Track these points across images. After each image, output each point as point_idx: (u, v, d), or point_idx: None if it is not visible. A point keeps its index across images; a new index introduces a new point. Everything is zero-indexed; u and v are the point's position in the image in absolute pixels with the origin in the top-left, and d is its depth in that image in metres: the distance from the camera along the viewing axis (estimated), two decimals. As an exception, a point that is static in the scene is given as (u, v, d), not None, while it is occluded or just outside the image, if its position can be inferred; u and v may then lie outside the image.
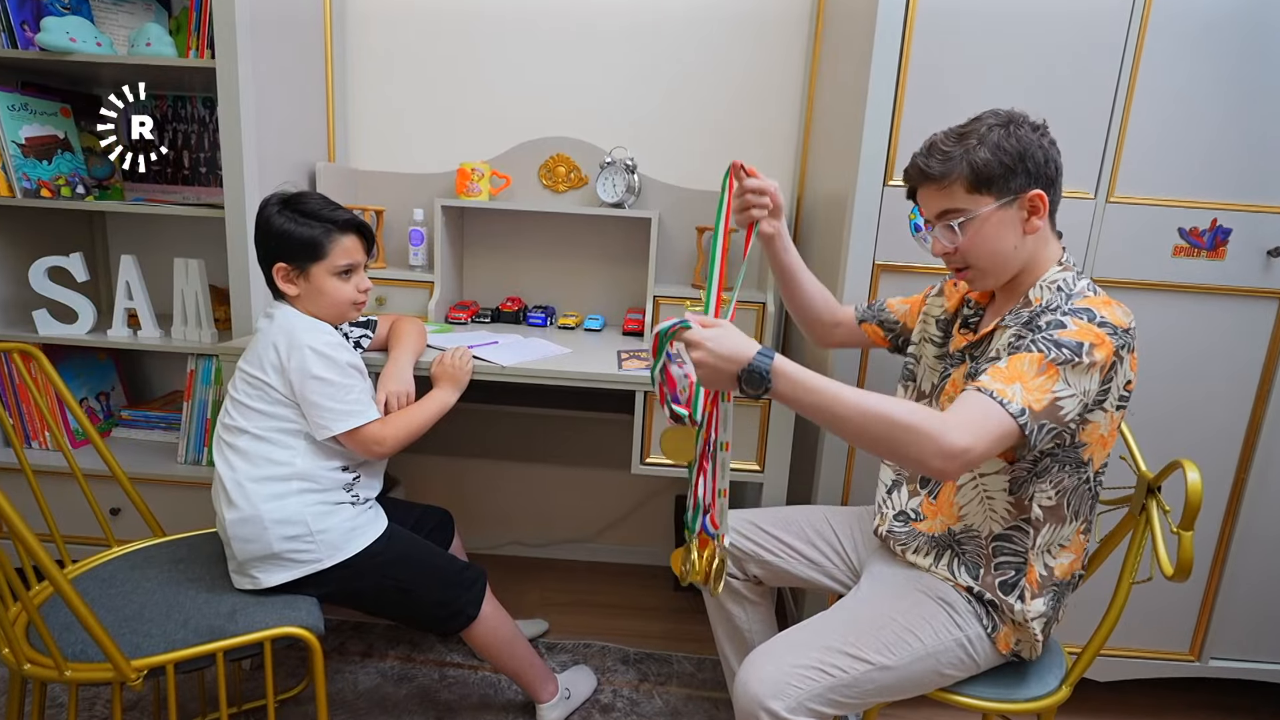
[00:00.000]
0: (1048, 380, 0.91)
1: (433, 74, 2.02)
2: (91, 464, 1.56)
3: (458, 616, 1.35)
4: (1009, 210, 1.02)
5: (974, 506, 1.09)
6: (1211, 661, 1.61)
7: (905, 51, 1.36)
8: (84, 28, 1.63)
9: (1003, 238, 1.03)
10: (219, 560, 1.29)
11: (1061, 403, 0.92)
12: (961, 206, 1.03)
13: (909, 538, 1.17)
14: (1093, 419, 0.99)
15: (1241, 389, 1.48)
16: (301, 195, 1.27)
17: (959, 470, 0.89)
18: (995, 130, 1.00)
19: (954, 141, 1.02)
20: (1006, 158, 0.99)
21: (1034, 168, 1.01)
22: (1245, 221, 1.40)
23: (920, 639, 1.04)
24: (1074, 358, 0.92)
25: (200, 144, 1.92)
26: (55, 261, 1.75)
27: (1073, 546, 1.07)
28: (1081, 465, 1.03)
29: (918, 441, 0.87)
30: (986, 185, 1.01)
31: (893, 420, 0.88)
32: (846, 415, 0.90)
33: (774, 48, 1.97)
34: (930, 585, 1.11)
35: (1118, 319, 0.96)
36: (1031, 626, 1.06)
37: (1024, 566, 1.06)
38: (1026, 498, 1.04)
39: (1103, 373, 0.94)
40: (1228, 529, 1.54)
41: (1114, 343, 0.94)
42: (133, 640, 1.07)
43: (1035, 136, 1.01)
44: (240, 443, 1.23)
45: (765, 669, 0.99)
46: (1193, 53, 1.35)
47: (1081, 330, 0.94)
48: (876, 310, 1.35)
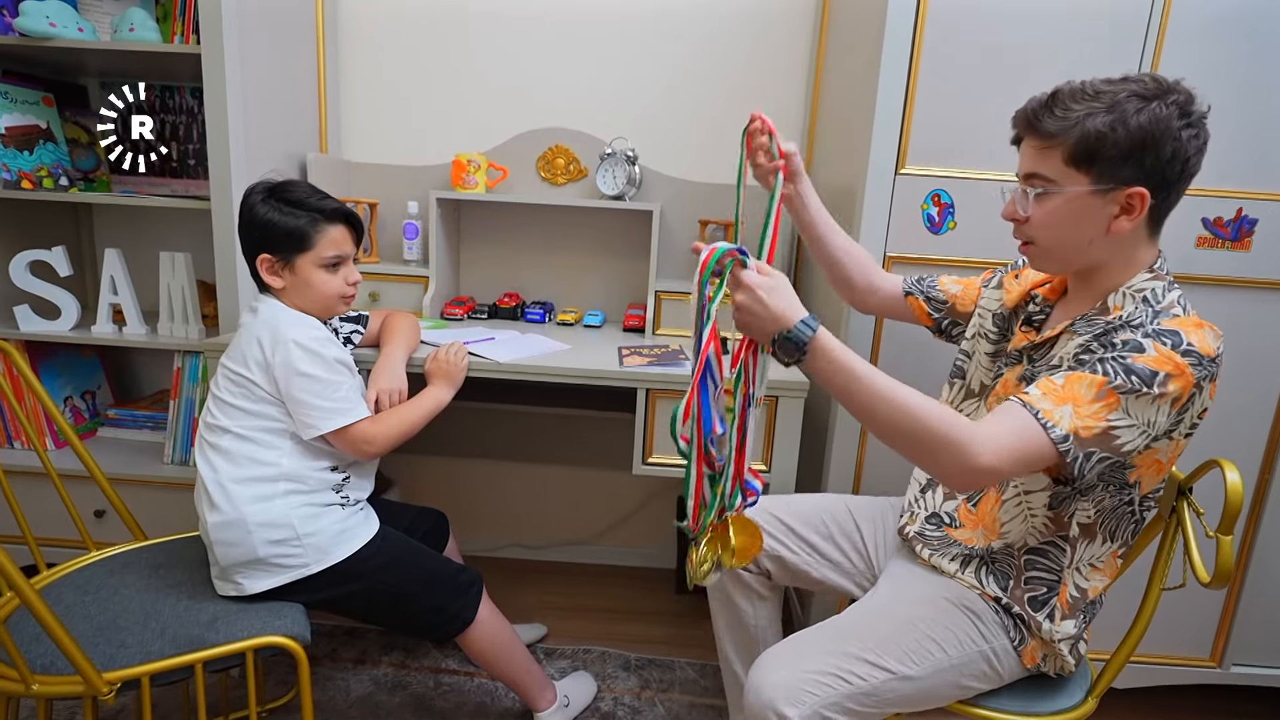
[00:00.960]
0: (1105, 408, 0.82)
1: (428, 62, 1.97)
2: (77, 465, 1.51)
3: (453, 621, 1.30)
4: (1100, 199, 0.87)
5: (1016, 524, 1.01)
6: (1233, 668, 1.56)
7: (918, 37, 1.31)
8: (65, 12, 1.57)
9: (1080, 228, 0.90)
10: (201, 565, 1.23)
11: (1118, 432, 0.83)
12: (1051, 176, 0.89)
13: (941, 543, 1.09)
14: (1156, 446, 0.88)
15: (1267, 384, 1.43)
16: (288, 184, 1.21)
17: (974, 487, 0.85)
18: (1133, 101, 0.84)
19: (1083, 99, 0.86)
20: (1125, 138, 0.84)
21: (1153, 162, 0.85)
22: (1271, 212, 1.35)
23: (944, 649, 0.98)
24: (1142, 388, 0.82)
25: (189, 135, 1.87)
26: (37, 255, 1.69)
27: (1105, 569, 1.00)
28: (1126, 487, 0.94)
29: (944, 450, 0.82)
30: (1088, 162, 0.86)
31: (924, 423, 0.82)
32: (877, 407, 0.85)
33: (779, 35, 1.91)
34: (955, 593, 1.04)
35: (1206, 346, 0.84)
36: (1059, 647, 1.00)
37: (1057, 585, 0.99)
38: (1067, 514, 0.97)
39: (1176, 405, 0.84)
40: (1251, 531, 1.49)
41: (1195, 374, 0.83)
42: (106, 651, 1.01)
43: (1177, 125, 0.84)
44: (223, 442, 1.18)
45: (779, 673, 0.93)
46: (1216, 36, 1.29)
47: (1161, 358, 0.82)
48: (926, 286, 1.23)
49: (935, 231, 1.38)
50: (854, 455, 1.51)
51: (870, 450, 1.51)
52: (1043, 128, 0.89)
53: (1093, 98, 0.86)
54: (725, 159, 1.98)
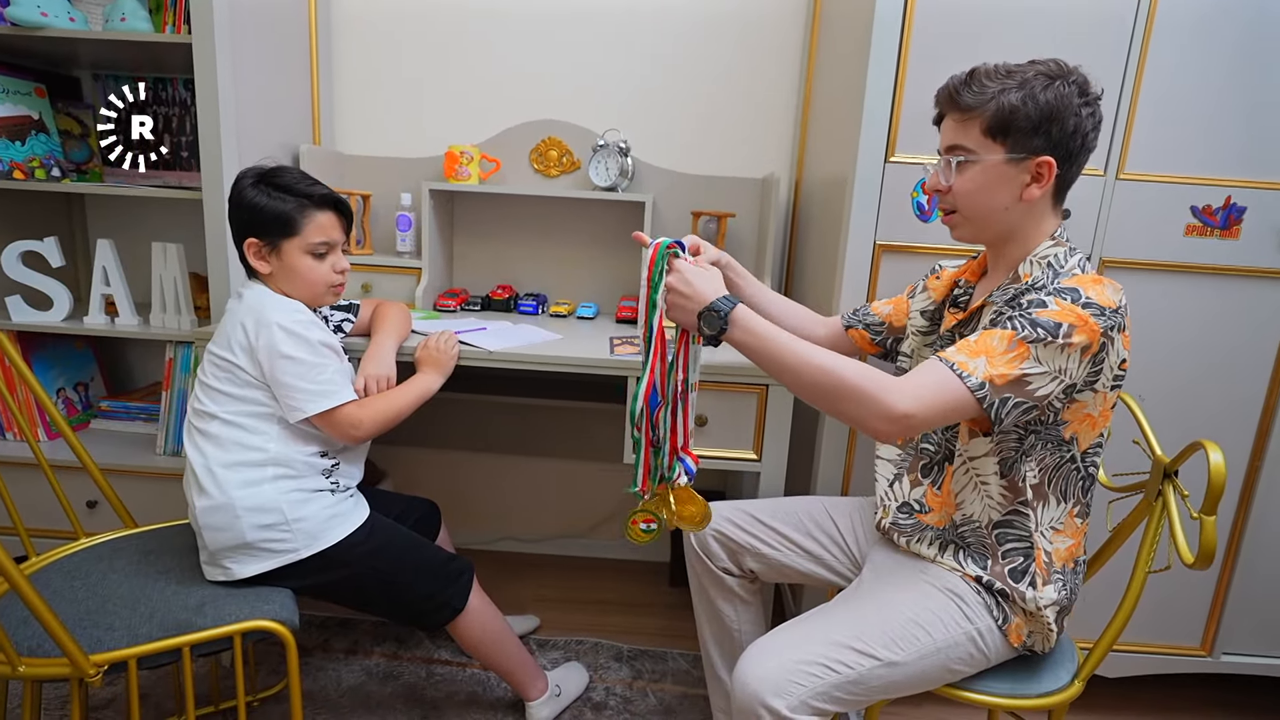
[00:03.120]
0: (1016, 358, 0.89)
1: (422, 54, 1.97)
2: (70, 455, 1.50)
3: (443, 609, 1.30)
4: (1014, 168, 0.97)
5: (969, 494, 1.04)
6: (1223, 657, 1.56)
7: (907, 24, 1.31)
8: (56, 2, 1.57)
9: (997, 194, 0.98)
10: (190, 551, 1.23)
11: (1031, 379, 0.89)
12: (970, 146, 0.98)
13: (914, 530, 1.11)
14: (1081, 398, 0.95)
15: (1256, 373, 1.43)
16: (278, 169, 1.21)
17: (899, 434, 0.90)
18: (1040, 79, 0.93)
19: (997, 77, 0.95)
20: (1035, 111, 0.93)
21: (1058, 134, 0.94)
22: (1260, 199, 1.35)
23: (930, 633, 0.98)
24: (1048, 337, 0.88)
25: (181, 127, 1.86)
26: (29, 246, 1.69)
27: (1067, 530, 1.02)
28: (1063, 443, 0.98)
29: (862, 400, 0.88)
30: (1003, 133, 0.95)
31: (841, 376, 0.90)
32: (797, 366, 0.93)
33: (772, 26, 1.91)
34: (937, 576, 1.05)
35: (1105, 299, 0.91)
36: (1045, 615, 1.00)
37: (1031, 551, 1.01)
38: (1018, 478, 1.00)
39: (1086, 354, 0.90)
40: (1241, 518, 1.49)
41: (1100, 324, 0.89)
42: (94, 634, 1.01)
43: (1077, 102, 0.94)
44: (211, 428, 1.17)
45: (766, 664, 0.93)
46: (1206, 24, 1.29)
47: (1063, 311, 0.90)
48: (862, 315, 1.31)
49: (924, 219, 1.38)
50: (842, 457, 1.51)
51: (858, 455, 1.51)
52: (962, 101, 0.98)
53: (1005, 76, 0.95)
54: (718, 151, 1.98)
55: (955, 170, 1.00)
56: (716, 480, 2.14)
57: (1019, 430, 0.98)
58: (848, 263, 1.40)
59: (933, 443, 1.12)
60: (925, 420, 0.88)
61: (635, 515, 1.11)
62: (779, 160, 1.98)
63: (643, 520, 1.11)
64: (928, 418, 0.88)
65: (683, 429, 1.07)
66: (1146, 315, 1.41)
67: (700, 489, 1.14)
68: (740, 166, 1.97)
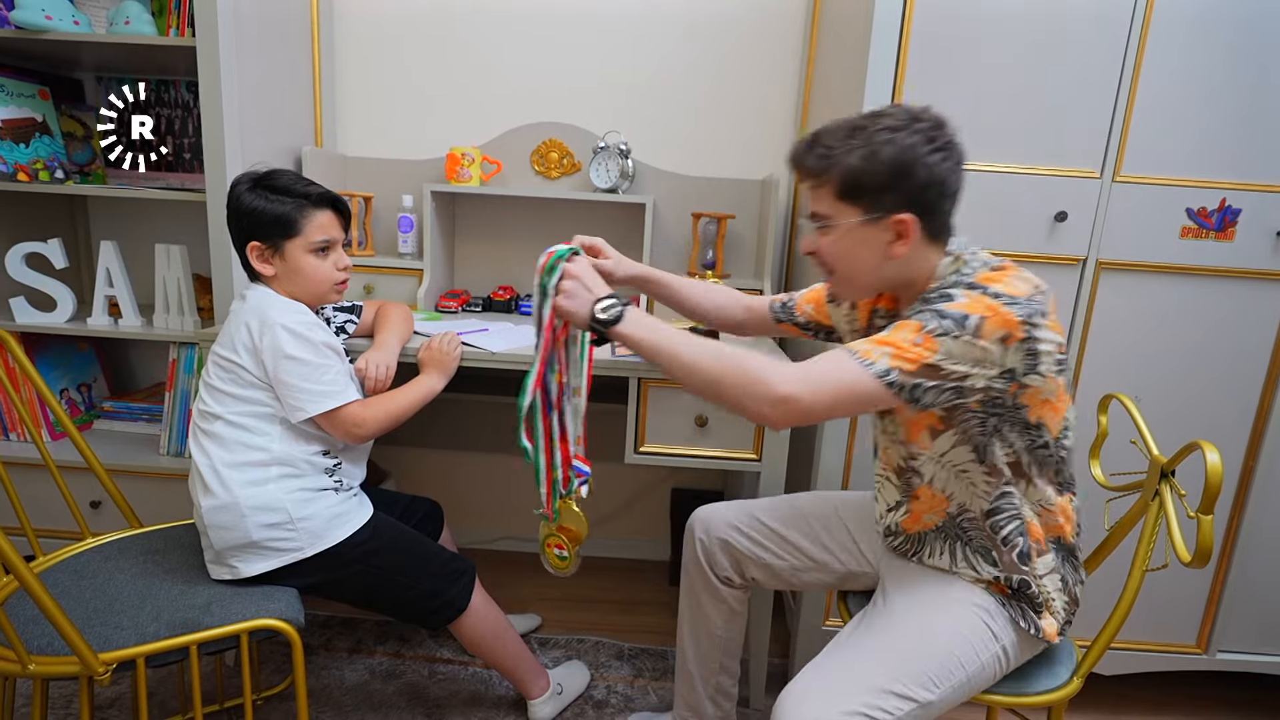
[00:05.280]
0: (923, 349, 0.87)
1: (423, 56, 1.98)
2: (73, 456, 1.51)
3: (446, 608, 1.31)
4: (873, 228, 0.94)
5: (955, 485, 1.02)
6: (1219, 655, 1.58)
7: (905, 26, 1.32)
8: (60, 5, 1.58)
9: (863, 256, 0.96)
10: (196, 551, 1.24)
11: (945, 367, 0.87)
12: (826, 212, 0.96)
13: (913, 544, 1.10)
14: (1031, 383, 0.91)
15: (1251, 374, 1.45)
16: (273, 172, 1.22)
17: (790, 418, 0.89)
18: (882, 135, 0.90)
19: (840, 137, 0.93)
20: (881, 171, 0.90)
21: (909, 189, 0.91)
22: (1255, 202, 1.37)
23: (964, 666, 0.96)
24: (955, 329, 0.87)
25: (184, 129, 1.87)
26: (33, 247, 1.70)
27: (1058, 509, 1.01)
28: (1029, 427, 0.96)
29: (746, 385, 0.89)
30: (855, 195, 0.93)
31: (727, 362, 0.90)
32: (689, 356, 0.93)
33: (772, 30, 1.93)
34: (963, 591, 1.03)
35: (1014, 289, 0.89)
36: (1044, 585, 1.00)
37: (1024, 527, 0.99)
38: (995, 460, 0.98)
39: (1010, 342, 0.87)
40: (1236, 518, 1.50)
41: (1016, 312, 0.87)
42: (102, 633, 1.02)
43: (923, 151, 0.90)
44: (215, 428, 1.19)
45: (807, 707, 0.89)
46: (1202, 26, 1.31)
47: (969, 303, 0.88)
48: (790, 311, 1.29)
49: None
50: (843, 456, 1.52)
51: (858, 454, 1.52)
52: (807, 167, 0.96)
53: (849, 135, 0.92)
54: (718, 153, 1.99)
55: (819, 235, 0.98)
56: (716, 480, 2.15)
57: (979, 414, 0.95)
58: (847, 264, 1.41)
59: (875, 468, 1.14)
60: (814, 405, 0.87)
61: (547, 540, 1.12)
62: (778, 162, 1.98)
63: (555, 546, 1.12)
64: (817, 403, 0.87)
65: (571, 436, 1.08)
66: (1143, 316, 1.43)
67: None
68: (740, 168, 1.98)
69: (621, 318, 0.97)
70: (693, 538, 1.31)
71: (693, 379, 0.94)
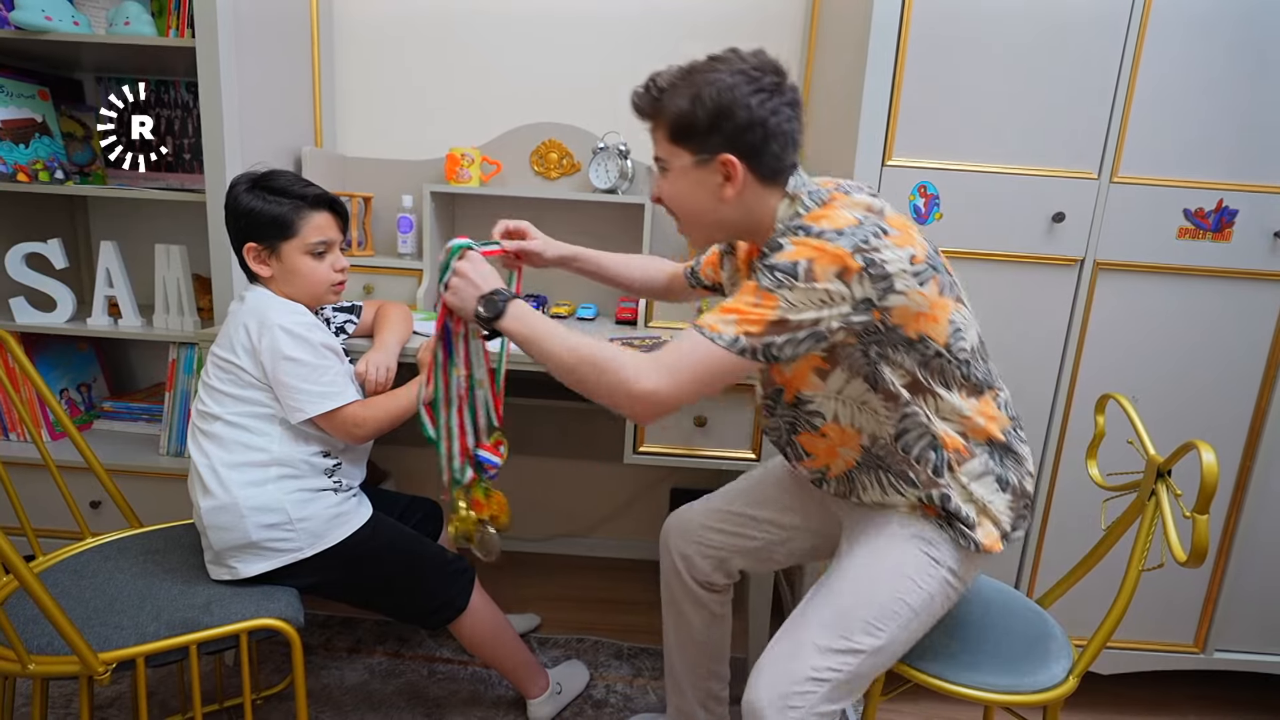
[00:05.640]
0: (764, 307, 0.88)
1: (423, 57, 1.98)
2: (72, 456, 1.51)
3: (445, 608, 1.31)
4: (704, 170, 0.96)
5: (860, 417, 1.01)
6: (1216, 654, 1.58)
7: (904, 26, 1.32)
8: (60, 6, 1.58)
9: (698, 198, 0.98)
10: (195, 551, 1.25)
11: (789, 318, 0.87)
12: (664, 156, 0.99)
13: (844, 485, 1.09)
14: (891, 304, 0.90)
15: (1248, 374, 1.45)
16: (271, 173, 1.22)
17: (655, 411, 0.90)
18: (708, 76, 0.92)
19: (672, 81, 0.95)
20: (704, 113, 0.92)
21: (732, 130, 0.92)
22: (1252, 202, 1.37)
23: (907, 602, 0.98)
24: (789, 280, 0.87)
25: (184, 130, 1.88)
26: (33, 248, 1.70)
27: (976, 412, 0.98)
28: (913, 344, 0.93)
29: (611, 384, 0.90)
30: (684, 138, 0.95)
31: (594, 360, 0.91)
32: (559, 354, 0.93)
33: (771, 31, 1.93)
34: (902, 528, 1.03)
35: (839, 221, 0.89)
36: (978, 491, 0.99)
37: (936, 441, 0.97)
38: (889, 385, 0.96)
39: (850, 275, 0.87)
40: (1233, 517, 1.51)
41: (844, 244, 0.87)
42: (102, 633, 1.03)
43: (745, 92, 0.91)
44: (215, 429, 1.19)
45: (765, 691, 0.94)
46: (1199, 27, 1.31)
47: (797, 250, 0.88)
48: (698, 277, 1.31)
49: (922, 222, 1.39)
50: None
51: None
52: (641, 110, 1.00)
53: (680, 78, 0.95)
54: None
55: (660, 179, 1.01)
56: (714, 480, 2.15)
57: (858, 346, 0.94)
58: (845, 265, 1.41)
59: (771, 423, 1.12)
60: (677, 393, 0.89)
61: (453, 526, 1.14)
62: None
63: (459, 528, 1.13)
64: (679, 390, 0.88)
65: (472, 427, 1.10)
66: (1140, 317, 1.43)
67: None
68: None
69: (503, 313, 0.97)
70: (669, 550, 1.30)
71: (564, 372, 0.94)
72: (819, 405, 1.03)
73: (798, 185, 0.98)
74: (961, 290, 0.99)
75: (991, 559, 1.03)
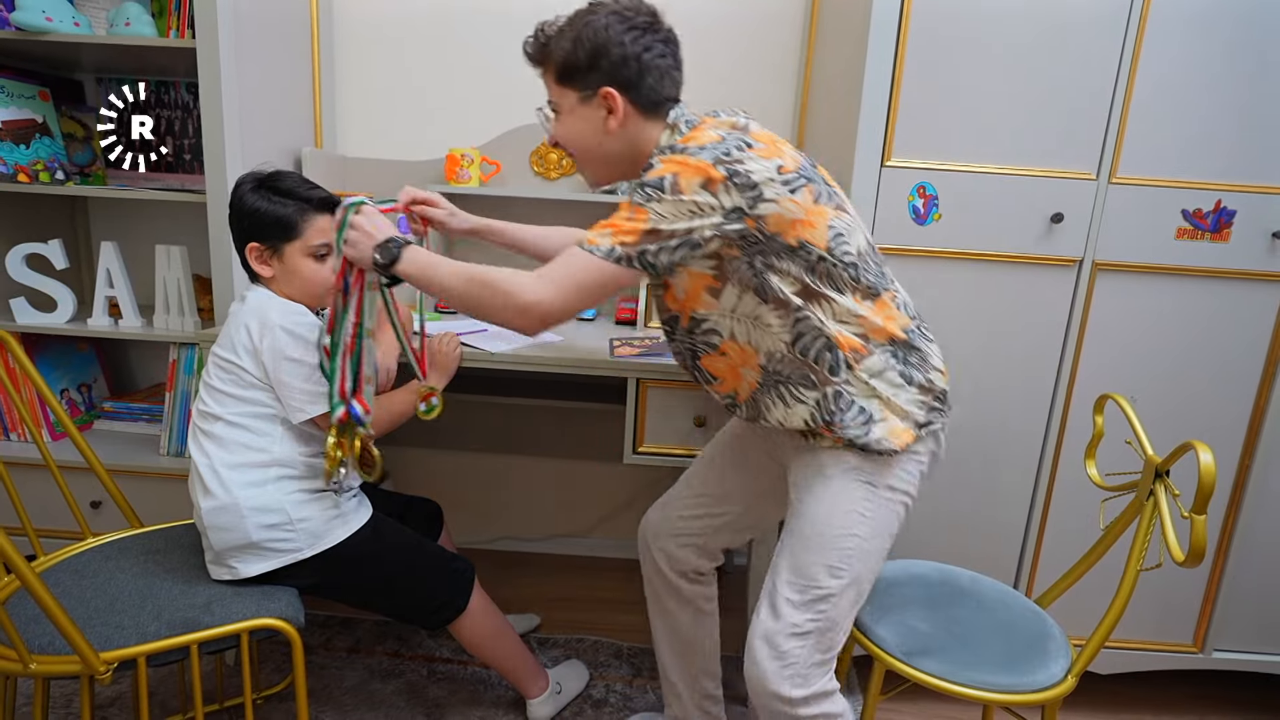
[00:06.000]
0: (636, 220, 0.94)
1: (423, 57, 1.98)
2: (73, 456, 1.52)
3: (445, 609, 1.31)
4: (588, 106, 1.05)
5: (755, 334, 1.03)
6: (1215, 653, 1.58)
7: (903, 26, 1.33)
8: (61, 6, 1.58)
9: (587, 134, 1.07)
10: (196, 551, 1.25)
11: (661, 228, 0.93)
12: (554, 98, 1.08)
13: (751, 408, 1.10)
14: (764, 212, 0.94)
15: (1246, 375, 1.45)
16: (277, 174, 1.23)
17: (543, 321, 0.97)
18: (585, 19, 1.02)
19: (555, 28, 1.06)
20: (584, 52, 1.02)
21: (609, 65, 1.02)
22: (1250, 203, 1.37)
23: (856, 534, 1.02)
24: (657, 193, 0.93)
25: (184, 130, 1.88)
26: (33, 248, 1.70)
27: (873, 313, 1.01)
28: (795, 250, 0.96)
29: (498, 299, 0.96)
30: (569, 78, 1.05)
31: (484, 281, 0.97)
32: (454, 283, 1.00)
33: (770, 31, 1.93)
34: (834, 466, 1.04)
35: (703, 139, 0.95)
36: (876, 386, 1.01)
37: (831, 342, 1.00)
38: (779, 294, 0.98)
39: (715, 185, 0.92)
40: (1231, 517, 1.51)
41: (705, 157, 0.93)
42: (103, 632, 1.03)
43: (618, 31, 1.01)
44: (215, 429, 1.19)
45: (757, 660, 1.02)
46: (1198, 27, 1.32)
47: (664, 167, 0.94)
48: None
49: (920, 223, 1.40)
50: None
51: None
52: (531, 57, 1.10)
53: (565, 25, 1.05)
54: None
55: (553, 122, 1.10)
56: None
57: (742, 259, 0.97)
58: (845, 265, 1.42)
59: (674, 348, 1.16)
60: (561, 303, 0.95)
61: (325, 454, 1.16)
62: (777, 163, 1.99)
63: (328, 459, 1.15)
64: (562, 300, 0.95)
65: (353, 375, 1.13)
66: (1138, 317, 1.44)
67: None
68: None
69: (399, 258, 1.02)
70: (649, 550, 1.33)
71: (459, 299, 1.00)
72: (715, 323, 1.06)
73: (677, 116, 1.07)
74: (845, 201, 1.04)
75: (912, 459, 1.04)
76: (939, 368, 1.07)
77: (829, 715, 1.03)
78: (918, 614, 1.17)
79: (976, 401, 1.47)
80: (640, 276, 0.97)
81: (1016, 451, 1.50)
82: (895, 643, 1.10)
